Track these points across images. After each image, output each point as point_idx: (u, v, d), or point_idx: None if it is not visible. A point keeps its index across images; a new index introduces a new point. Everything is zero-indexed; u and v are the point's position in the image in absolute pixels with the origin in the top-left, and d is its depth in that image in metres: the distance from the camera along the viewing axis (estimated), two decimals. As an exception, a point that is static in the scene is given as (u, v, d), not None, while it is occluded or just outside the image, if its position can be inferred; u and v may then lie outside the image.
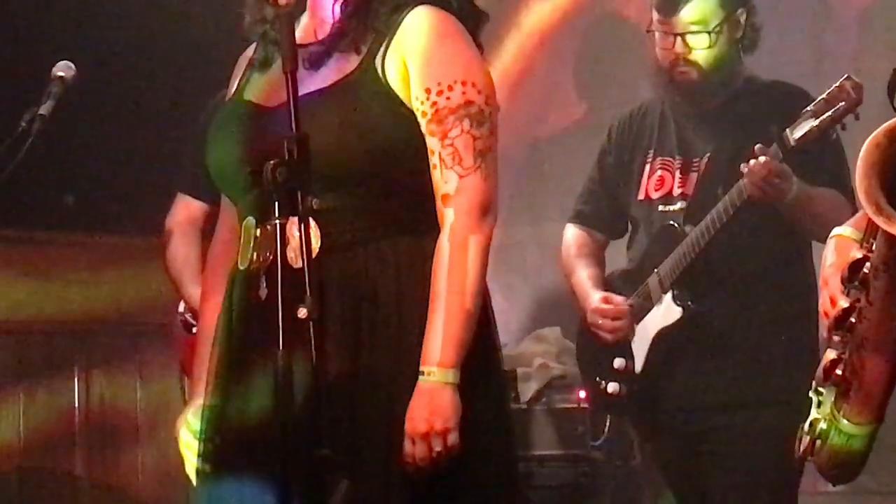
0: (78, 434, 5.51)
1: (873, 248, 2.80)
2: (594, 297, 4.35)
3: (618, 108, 4.84)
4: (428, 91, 2.99)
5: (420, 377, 2.93)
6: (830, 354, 2.97)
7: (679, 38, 4.20)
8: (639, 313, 4.29)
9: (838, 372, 2.92)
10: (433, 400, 2.92)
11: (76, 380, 5.54)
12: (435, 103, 2.99)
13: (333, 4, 3.06)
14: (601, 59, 5.99)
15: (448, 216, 2.98)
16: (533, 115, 5.97)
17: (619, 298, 4.32)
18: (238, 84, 3.20)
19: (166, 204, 4.51)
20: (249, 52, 3.22)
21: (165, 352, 4.84)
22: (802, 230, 4.10)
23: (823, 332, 3.02)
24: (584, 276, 4.44)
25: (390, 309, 2.99)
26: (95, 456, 5.53)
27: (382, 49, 3.02)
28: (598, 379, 4.41)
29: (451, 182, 2.99)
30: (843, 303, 2.85)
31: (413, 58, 3.00)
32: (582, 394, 5.07)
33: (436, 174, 2.99)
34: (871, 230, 2.80)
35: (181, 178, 4.43)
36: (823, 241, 3.07)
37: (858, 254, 2.84)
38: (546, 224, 5.56)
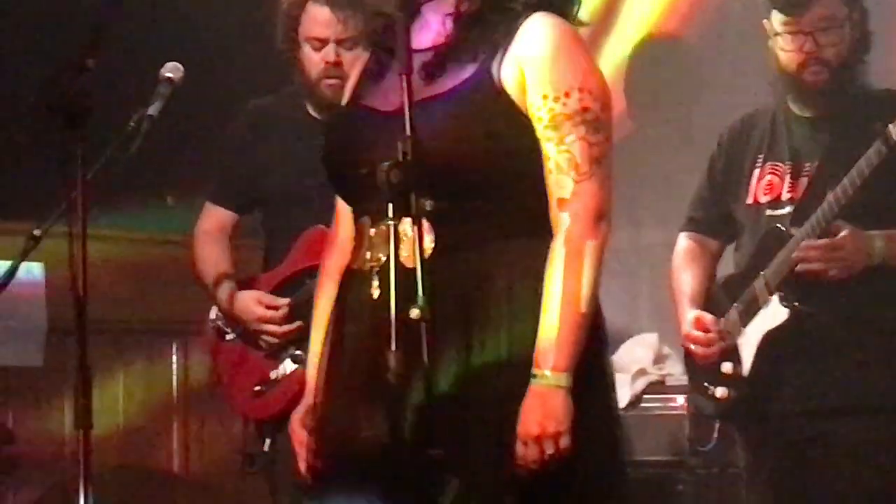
0: (177, 435, 5.58)
1: None
2: (687, 318, 4.40)
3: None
4: (545, 97, 3.04)
5: (532, 380, 2.97)
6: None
7: (809, 37, 4.20)
8: (745, 317, 4.29)
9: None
10: (546, 403, 2.95)
11: (174, 377, 5.59)
12: (552, 109, 3.04)
13: (444, 18, 3.11)
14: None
15: (563, 221, 3.02)
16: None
17: (710, 321, 4.35)
18: (353, 91, 3.28)
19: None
20: (364, 59, 3.30)
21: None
22: None
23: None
24: (685, 289, 4.49)
25: (501, 311, 3.02)
26: (194, 456, 5.60)
27: (499, 56, 3.06)
28: (706, 384, 4.41)
29: (567, 187, 3.03)
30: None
31: (530, 65, 3.05)
32: (680, 400, 5.11)
33: (551, 179, 3.03)
34: None
35: (211, 188, 4.52)
36: None
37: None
38: (643, 229, 5.62)
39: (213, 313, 4.46)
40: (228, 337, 4.42)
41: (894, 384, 4.02)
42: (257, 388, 4.29)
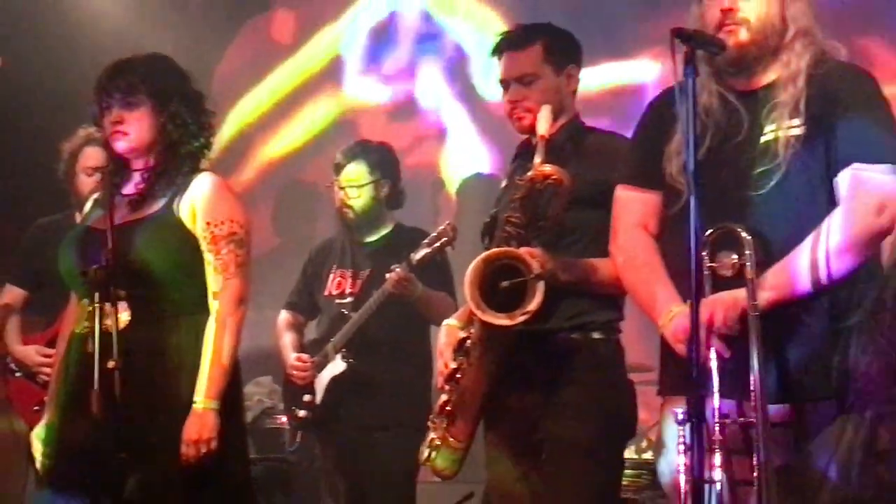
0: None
1: (472, 330, 3.76)
2: (292, 356, 5.50)
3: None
4: (207, 224, 3.84)
5: (194, 404, 3.77)
6: (443, 397, 3.80)
7: (343, 191, 5.41)
8: (320, 367, 5.52)
9: (448, 408, 3.81)
10: (202, 418, 3.76)
11: None
12: (212, 231, 3.83)
13: (142, 173, 3.94)
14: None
15: (215, 305, 3.85)
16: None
17: (307, 357, 5.49)
18: (85, 214, 4.09)
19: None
20: (96, 193, 4.11)
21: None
22: (426, 317, 5.33)
23: (439, 383, 3.87)
24: (288, 342, 5.58)
25: (172, 363, 3.79)
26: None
27: (179, 197, 3.86)
28: (293, 407, 5.62)
29: (219, 282, 3.85)
30: (453, 365, 3.77)
31: (199, 202, 3.84)
32: (283, 418, 6.02)
33: (210, 277, 3.85)
34: (470, 319, 3.75)
35: (12, 272, 5.44)
36: (438, 325, 3.95)
37: (463, 334, 3.76)
38: (265, 310, 6.07)
39: (8, 360, 5.35)
40: (17, 374, 5.38)
41: (406, 410, 5.12)
42: (36, 407, 4.84)
